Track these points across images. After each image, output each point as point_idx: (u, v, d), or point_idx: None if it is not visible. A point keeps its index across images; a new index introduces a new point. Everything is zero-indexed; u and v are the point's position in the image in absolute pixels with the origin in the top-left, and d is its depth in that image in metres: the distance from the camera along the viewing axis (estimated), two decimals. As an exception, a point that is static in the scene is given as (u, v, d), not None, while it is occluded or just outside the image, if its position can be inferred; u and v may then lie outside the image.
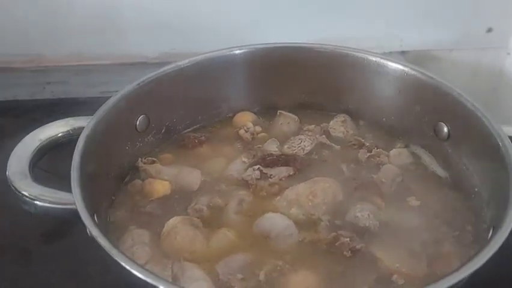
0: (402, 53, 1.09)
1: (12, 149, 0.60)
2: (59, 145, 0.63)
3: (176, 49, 1.03)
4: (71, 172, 0.52)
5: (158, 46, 1.03)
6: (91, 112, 0.63)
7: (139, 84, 0.65)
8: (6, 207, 0.61)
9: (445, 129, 0.65)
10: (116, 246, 0.46)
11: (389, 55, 1.07)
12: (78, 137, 0.58)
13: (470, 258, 0.44)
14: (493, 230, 0.48)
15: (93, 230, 0.46)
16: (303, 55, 0.73)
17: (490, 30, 1.08)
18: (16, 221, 0.66)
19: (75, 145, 0.57)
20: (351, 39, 1.04)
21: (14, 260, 0.65)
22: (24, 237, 0.67)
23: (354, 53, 0.71)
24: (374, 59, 0.69)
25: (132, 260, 0.44)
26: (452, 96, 0.63)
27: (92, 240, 0.47)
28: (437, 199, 0.63)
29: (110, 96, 0.64)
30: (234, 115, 0.76)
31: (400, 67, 0.68)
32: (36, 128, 0.63)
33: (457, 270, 0.43)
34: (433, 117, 0.66)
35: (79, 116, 0.66)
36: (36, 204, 0.55)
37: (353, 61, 0.71)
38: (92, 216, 0.49)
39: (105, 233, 0.48)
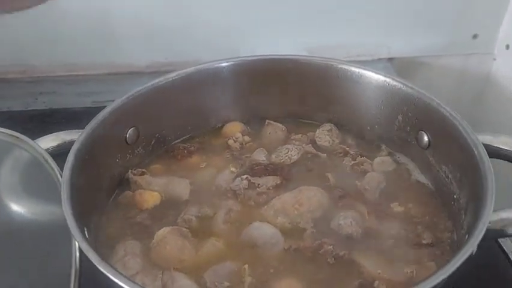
0: (390, 60, 1.10)
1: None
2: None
3: (169, 58, 1.04)
4: (62, 186, 0.53)
5: (151, 56, 1.04)
6: (83, 122, 0.64)
7: (128, 97, 0.66)
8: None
9: (426, 138, 0.66)
10: (105, 259, 0.48)
11: (377, 62, 1.09)
12: (68, 150, 0.59)
13: (443, 265, 0.46)
14: (468, 236, 0.50)
15: (82, 245, 0.47)
16: (289, 67, 0.74)
17: (475, 36, 1.10)
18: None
19: (66, 158, 0.58)
20: (340, 47, 1.07)
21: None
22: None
23: (338, 64, 0.72)
24: (356, 70, 0.71)
25: (120, 273, 0.45)
26: (432, 106, 0.64)
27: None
28: (419, 206, 0.64)
29: (103, 107, 0.65)
30: (223, 125, 0.77)
31: (382, 78, 0.69)
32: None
33: (431, 275, 0.45)
34: (414, 126, 0.68)
35: (71, 127, 0.68)
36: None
37: (337, 72, 0.72)
38: (82, 229, 0.50)
39: (95, 245, 0.50)
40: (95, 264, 0.46)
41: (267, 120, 0.77)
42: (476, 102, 1.16)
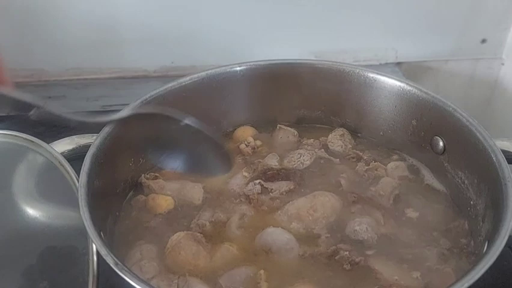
0: (398, 64, 1.11)
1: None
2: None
3: (176, 62, 1.05)
4: (79, 191, 0.53)
5: (158, 60, 1.05)
6: (92, 127, 0.63)
7: (142, 102, 0.66)
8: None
9: (441, 143, 0.66)
10: (123, 262, 0.47)
11: (385, 66, 1.09)
12: (83, 154, 0.59)
13: (465, 273, 0.45)
14: (488, 243, 0.49)
15: (101, 250, 0.47)
16: (302, 71, 0.74)
17: (484, 41, 1.10)
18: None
19: (80, 162, 0.58)
20: (348, 51, 1.07)
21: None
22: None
23: (352, 68, 0.72)
24: (371, 74, 0.71)
25: (140, 278, 0.45)
26: (447, 111, 0.64)
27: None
28: (435, 212, 0.64)
29: (111, 111, 0.65)
30: (235, 130, 0.77)
31: (397, 83, 0.69)
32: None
33: (452, 285, 0.44)
34: (429, 131, 0.68)
35: (81, 131, 0.68)
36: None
37: (350, 77, 0.72)
38: (99, 234, 0.50)
39: (111, 249, 0.49)
40: (115, 269, 0.45)
41: (278, 125, 0.77)
42: (484, 107, 1.16)
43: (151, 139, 0.62)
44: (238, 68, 0.73)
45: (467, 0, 1.04)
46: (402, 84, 0.69)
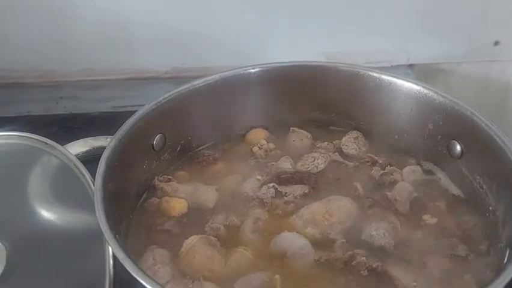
0: (410, 66, 1.10)
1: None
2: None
3: (187, 64, 1.04)
4: (95, 195, 0.52)
5: (169, 61, 1.04)
6: (104, 127, 0.63)
7: (156, 104, 0.66)
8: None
9: (458, 148, 0.65)
10: (140, 267, 0.47)
11: (397, 68, 1.08)
12: (96, 156, 0.59)
13: (488, 283, 0.44)
14: (510, 250, 0.49)
15: (119, 254, 0.47)
16: (316, 73, 0.73)
17: (497, 43, 1.09)
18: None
19: (94, 164, 0.58)
20: (359, 53, 1.06)
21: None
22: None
23: (367, 71, 0.71)
24: (386, 78, 0.70)
25: (158, 283, 0.45)
26: (465, 115, 0.63)
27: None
28: (452, 217, 0.63)
29: (123, 112, 0.65)
30: (248, 132, 0.77)
31: (413, 86, 0.68)
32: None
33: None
34: (446, 135, 0.67)
35: (93, 131, 0.68)
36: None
37: (365, 79, 0.71)
38: (114, 237, 0.50)
39: (125, 252, 0.49)
40: (133, 273, 0.45)
41: (291, 128, 0.76)
42: (497, 110, 1.15)
43: None
44: (252, 70, 0.72)
45: (480, 2, 1.03)
46: (418, 88, 0.68)
